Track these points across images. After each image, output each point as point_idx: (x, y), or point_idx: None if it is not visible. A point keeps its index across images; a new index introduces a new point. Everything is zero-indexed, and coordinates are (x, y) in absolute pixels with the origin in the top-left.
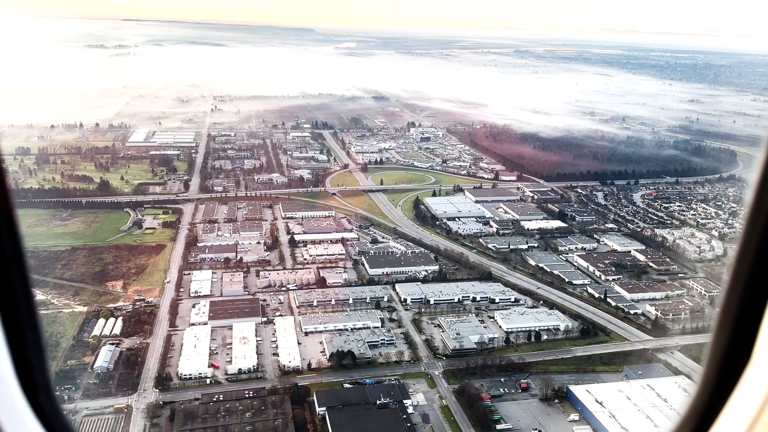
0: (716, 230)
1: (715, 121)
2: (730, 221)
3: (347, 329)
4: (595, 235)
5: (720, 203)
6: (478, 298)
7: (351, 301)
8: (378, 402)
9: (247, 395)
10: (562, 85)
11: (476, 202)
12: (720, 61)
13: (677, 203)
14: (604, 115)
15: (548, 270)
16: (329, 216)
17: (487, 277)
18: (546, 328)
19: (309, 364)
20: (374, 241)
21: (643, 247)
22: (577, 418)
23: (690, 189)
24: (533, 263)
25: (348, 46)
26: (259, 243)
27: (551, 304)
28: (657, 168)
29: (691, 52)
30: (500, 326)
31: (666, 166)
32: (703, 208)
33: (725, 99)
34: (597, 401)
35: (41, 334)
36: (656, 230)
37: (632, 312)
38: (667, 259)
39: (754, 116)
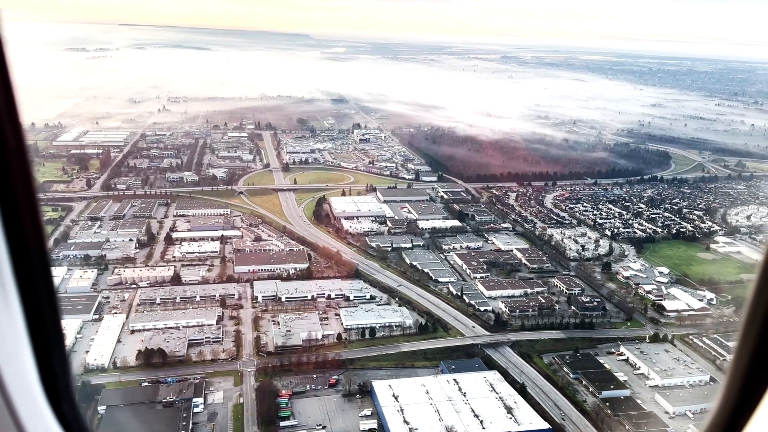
0: (610, 230)
1: (666, 124)
2: (630, 221)
3: (177, 327)
4: (486, 235)
5: (628, 204)
6: (333, 296)
7: (198, 299)
8: (164, 400)
9: None
10: (529, 90)
11: (384, 201)
12: (705, 67)
13: (585, 204)
14: (557, 118)
15: (419, 268)
16: (222, 214)
17: (354, 274)
18: (387, 324)
19: (115, 363)
20: (257, 239)
21: (527, 246)
22: (369, 412)
23: (606, 190)
24: (408, 261)
25: (336, 51)
26: (132, 240)
27: (407, 301)
28: (581, 170)
29: (680, 59)
30: (341, 323)
31: (591, 168)
32: (609, 208)
33: (690, 104)
34: (393, 396)
35: (65, 344)
36: (549, 230)
37: (482, 309)
38: (544, 258)
39: (709, 120)
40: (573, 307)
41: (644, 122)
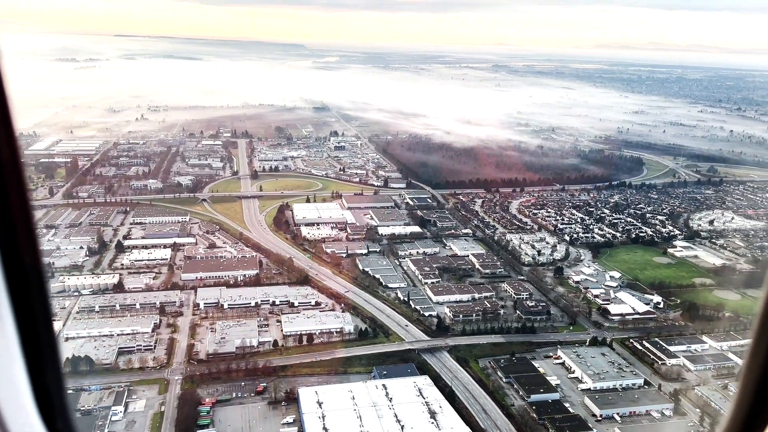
0: (570, 235)
1: (645, 131)
2: (591, 226)
3: (111, 335)
4: (445, 240)
5: (592, 210)
6: (277, 302)
7: (138, 306)
8: (82, 409)
9: None
10: (514, 98)
11: (348, 208)
12: (695, 75)
13: (549, 210)
14: (537, 126)
15: (371, 274)
16: (180, 222)
17: (303, 281)
18: (326, 330)
19: None
20: (211, 246)
21: (483, 251)
22: (292, 420)
23: (572, 196)
24: (361, 267)
25: (329, 60)
26: (82, 248)
27: (353, 307)
28: (551, 176)
29: (672, 67)
30: (281, 330)
31: (561, 174)
32: (572, 213)
33: (673, 110)
34: (318, 402)
35: (60, 360)
36: (509, 235)
37: (427, 314)
38: (498, 263)
39: (688, 126)
40: (518, 312)
41: (623, 129)
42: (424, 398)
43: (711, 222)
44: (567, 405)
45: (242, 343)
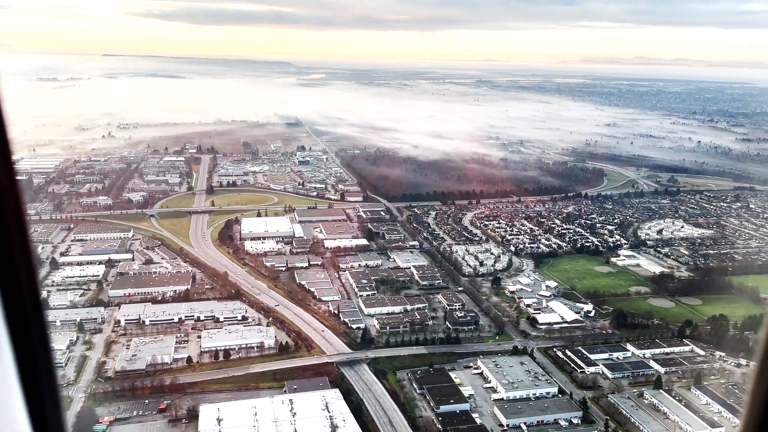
0: (516, 245)
1: (613, 143)
2: (539, 236)
3: None
4: (390, 253)
5: (543, 220)
6: (202, 317)
7: (58, 324)
8: None
9: None
10: (490, 113)
11: (299, 222)
12: (676, 88)
13: (501, 221)
14: (506, 139)
15: (307, 287)
16: (122, 238)
17: (235, 295)
18: (247, 345)
19: None
20: (148, 262)
21: (425, 263)
22: None
23: (527, 207)
24: (298, 281)
25: (314, 77)
26: None
27: (281, 321)
28: (509, 188)
29: (655, 80)
30: (200, 345)
31: (520, 186)
32: (523, 224)
33: (646, 122)
34: (217, 419)
35: (58, 387)
36: (455, 246)
37: (354, 326)
38: (437, 274)
39: (657, 138)
40: (447, 323)
41: (591, 141)
42: (329, 412)
43: (660, 231)
44: (476, 415)
45: (153, 360)
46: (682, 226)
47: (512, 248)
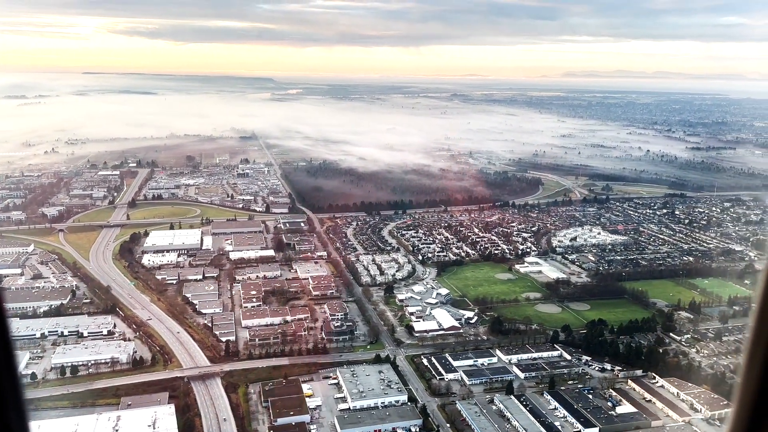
0: (425, 254)
1: (560, 153)
2: (450, 245)
3: None
4: (294, 264)
5: (462, 229)
6: (65, 333)
7: None
8: None
9: None
10: (451, 125)
11: (213, 234)
12: (647, 99)
13: (419, 230)
14: (457, 151)
15: (191, 300)
16: (18, 253)
17: (110, 309)
18: (100, 361)
19: None
20: (36, 277)
21: (325, 273)
22: None
23: (452, 216)
24: (184, 293)
25: (290, 92)
26: None
27: (150, 335)
28: (439, 198)
29: (629, 92)
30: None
31: (450, 195)
32: (440, 233)
33: (603, 133)
34: None
35: (23, 398)
36: (362, 256)
37: (224, 339)
38: (331, 284)
39: (607, 148)
40: (322, 333)
41: (540, 152)
42: (154, 429)
43: (573, 238)
44: (314, 427)
45: None
46: (599, 233)
47: (420, 257)
